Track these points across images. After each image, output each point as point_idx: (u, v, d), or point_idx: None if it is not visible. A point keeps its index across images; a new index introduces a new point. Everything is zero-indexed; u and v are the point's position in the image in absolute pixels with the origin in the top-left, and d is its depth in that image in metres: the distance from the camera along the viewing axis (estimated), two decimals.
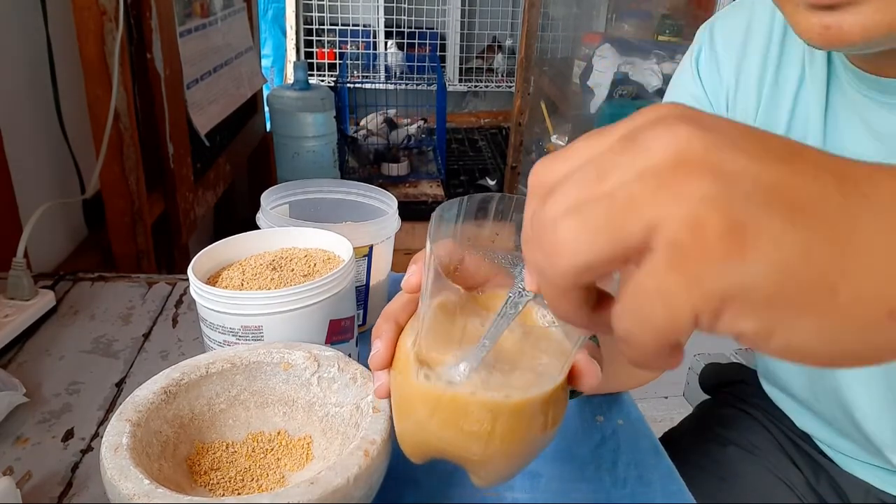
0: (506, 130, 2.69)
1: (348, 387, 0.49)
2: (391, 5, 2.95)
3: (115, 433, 0.43)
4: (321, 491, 0.38)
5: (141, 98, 1.14)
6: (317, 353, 0.51)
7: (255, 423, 0.52)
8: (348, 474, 0.39)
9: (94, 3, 0.96)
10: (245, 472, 0.48)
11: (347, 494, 0.39)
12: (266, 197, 0.72)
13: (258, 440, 0.51)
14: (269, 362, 0.51)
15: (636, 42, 2.40)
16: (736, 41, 0.62)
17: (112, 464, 0.40)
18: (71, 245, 1.10)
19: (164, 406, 0.47)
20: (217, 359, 0.50)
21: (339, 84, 2.14)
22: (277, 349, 0.51)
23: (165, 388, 0.48)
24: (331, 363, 0.50)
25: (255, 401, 0.52)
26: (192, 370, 0.49)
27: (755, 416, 0.77)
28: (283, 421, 0.52)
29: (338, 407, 0.50)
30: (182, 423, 0.49)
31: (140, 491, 0.38)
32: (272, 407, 0.52)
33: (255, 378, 0.51)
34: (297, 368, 0.51)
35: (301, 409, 0.52)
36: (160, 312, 0.76)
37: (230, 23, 1.61)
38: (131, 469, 0.40)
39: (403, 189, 2.10)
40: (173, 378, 0.48)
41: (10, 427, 0.57)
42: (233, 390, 0.51)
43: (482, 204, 0.37)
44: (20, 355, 0.67)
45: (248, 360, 0.51)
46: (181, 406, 0.49)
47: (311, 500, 0.37)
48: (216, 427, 0.51)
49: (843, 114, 0.54)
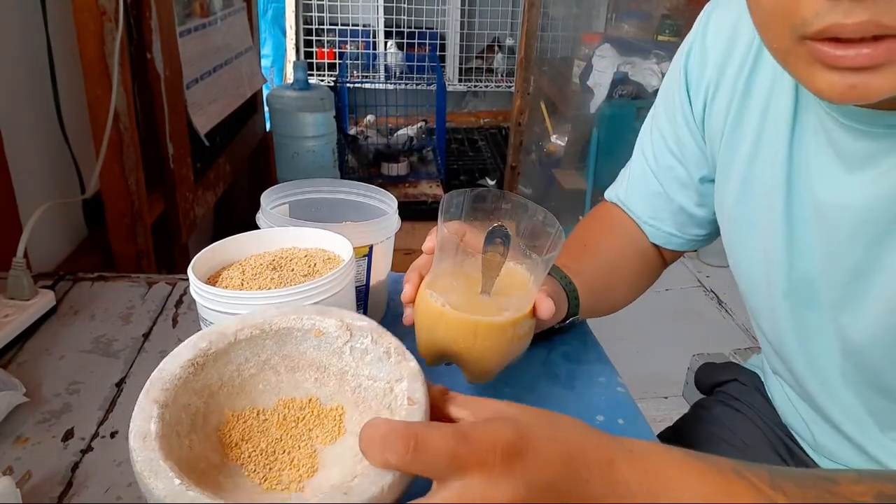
0: (505, 130, 2.69)
1: (382, 361, 0.47)
2: (391, 5, 2.95)
3: (142, 417, 0.41)
4: (356, 501, 0.36)
5: (141, 98, 1.14)
6: (349, 321, 0.49)
7: (285, 389, 0.49)
8: (383, 483, 0.37)
9: (93, 4, 0.96)
10: (276, 443, 0.46)
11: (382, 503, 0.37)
12: (266, 197, 0.72)
13: (289, 407, 0.49)
14: (300, 328, 0.49)
15: (636, 42, 2.40)
16: (723, 40, 0.62)
17: (141, 456, 0.39)
18: (71, 245, 1.11)
19: (193, 379, 0.46)
20: (245, 325, 0.49)
21: (339, 84, 2.14)
22: (308, 315, 0.49)
23: (193, 360, 0.46)
24: (364, 334, 0.48)
25: (286, 365, 0.50)
26: (219, 339, 0.48)
27: (748, 416, 0.77)
28: (314, 387, 0.50)
29: (371, 380, 0.47)
30: (211, 392, 0.47)
31: (171, 491, 0.37)
32: (303, 371, 0.50)
33: (286, 343, 0.50)
34: (328, 336, 0.49)
35: (333, 376, 0.49)
36: (160, 312, 0.76)
37: (230, 23, 1.61)
38: (160, 465, 0.38)
39: (403, 189, 2.10)
40: (201, 348, 0.47)
41: (10, 427, 0.57)
42: (262, 355, 0.49)
43: (481, 195, 0.56)
44: (20, 355, 0.67)
45: (277, 326, 0.49)
46: (210, 376, 0.47)
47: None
48: (246, 393, 0.49)
49: (810, 129, 0.54)
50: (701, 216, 0.72)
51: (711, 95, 0.64)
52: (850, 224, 0.52)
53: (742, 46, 0.61)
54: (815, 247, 0.56)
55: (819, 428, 0.65)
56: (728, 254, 0.67)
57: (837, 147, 0.51)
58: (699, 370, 0.89)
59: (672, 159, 0.70)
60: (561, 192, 2.46)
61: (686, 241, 0.75)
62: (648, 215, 0.74)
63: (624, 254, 0.75)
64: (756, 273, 0.63)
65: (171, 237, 1.28)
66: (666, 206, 0.73)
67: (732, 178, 0.63)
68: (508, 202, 0.56)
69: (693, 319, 2.14)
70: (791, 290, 0.59)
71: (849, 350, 0.56)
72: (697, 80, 0.65)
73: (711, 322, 2.12)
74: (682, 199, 0.71)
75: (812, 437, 0.67)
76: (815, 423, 0.66)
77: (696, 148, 0.68)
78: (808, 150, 0.55)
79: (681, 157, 0.70)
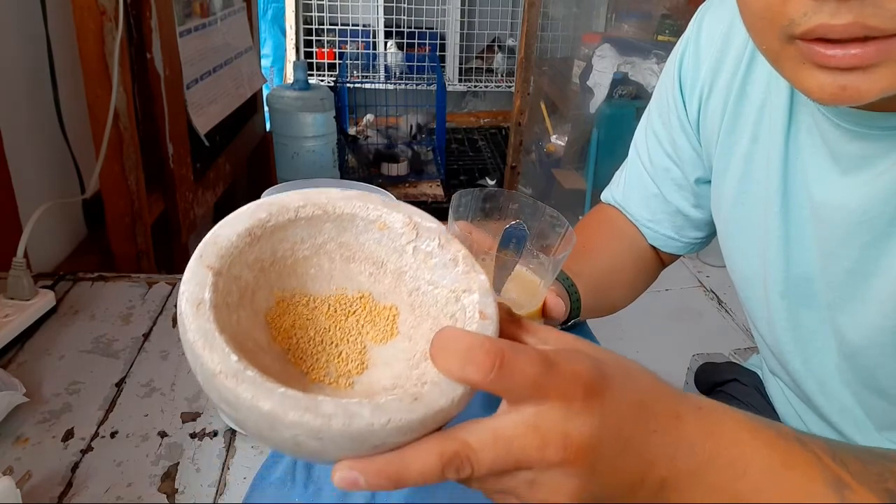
0: (505, 130, 2.69)
1: (447, 268, 0.44)
2: (391, 5, 2.95)
3: (196, 282, 0.38)
4: (424, 411, 0.35)
5: (141, 98, 1.14)
6: (418, 220, 0.46)
7: (337, 278, 0.47)
8: (454, 395, 0.35)
9: (93, 3, 0.96)
10: (325, 332, 0.44)
11: (448, 416, 0.36)
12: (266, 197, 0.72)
13: (340, 301, 0.46)
14: (365, 217, 0.46)
15: (636, 42, 2.40)
16: (717, 41, 0.62)
17: (195, 325, 0.36)
18: (71, 245, 1.11)
19: (248, 250, 0.43)
20: (308, 202, 0.46)
21: (339, 84, 2.14)
22: (375, 206, 0.46)
23: (250, 230, 0.43)
24: (432, 236, 0.45)
25: (342, 253, 0.47)
26: (279, 211, 0.45)
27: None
28: (368, 282, 0.47)
29: (432, 286, 0.45)
30: (262, 266, 0.44)
31: (227, 369, 0.34)
32: (359, 263, 0.47)
33: (346, 230, 0.47)
34: (392, 232, 0.46)
35: (390, 273, 0.46)
36: (160, 312, 0.76)
37: (230, 23, 1.61)
38: (216, 336, 0.35)
39: (403, 189, 2.10)
40: (260, 218, 0.44)
41: (10, 427, 0.57)
42: (319, 238, 0.46)
43: (489, 194, 0.55)
44: (20, 355, 0.67)
45: (341, 210, 0.46)
46: (263, 249, 0.44)
47: (413, 420, 0.34)
48: (297, 275, 0.46)
49: (804, 129, 0.54)
50: (698, 218, 0.72)
51: (706, 96, 0.64)
52: (846, 226, 0.52)
53: (737, 47, 0.60)
54: (812, 247, 0.56)
55: (817, 428, 0.65)
56: (724, 255, 0.67)
57: (832, 148, 0.51)
58: (699, 370, 0.89)
59: (667, 161, 0.71)
60: (561, 192, 2.46)
61: (684, 245, 0.75)
62: (647, 217, 0.74)
63: (623, 255, 0.75)
64: (753, 273, 0.63)
65: (170, 237, 1.28)
66: (663, 209, 0.73)
67: (729, 178, 0.63)
68: (516, 202, 0.55)
69: (693, 319, 2.14)
70: (788, 289, 0.59)
71: (845, 350, 0.56)
72: (692, 81, 0.65)
73: (711, 322, 2.12)
74: (678, 200, 0.71)
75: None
76: (813, 424, 0.66)
77: (692, 149, 0.68)
78: (803, 150, 0.55)
79: (676, 159, 0.70)
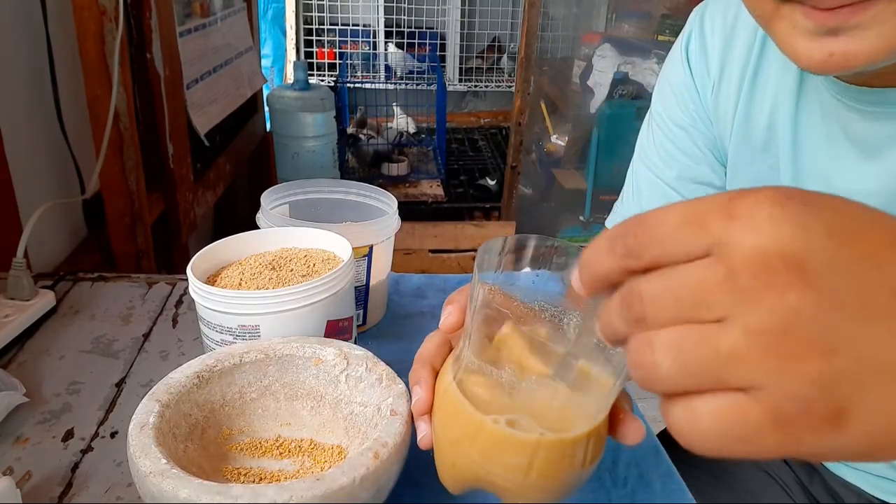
0: (506, 130, 2.69)
1: (374, 387, 0.50)
2: (391, 5, 2.95)
3: (143, 412, 0.44)
4: (325, 488, 0.38)
5: (141, 98, 1.14)
6: (347, 350, 0.52)
7: (283, 416, 0.52)
8: (355, 474, 0.39)
9: (94, 3, 0.96)
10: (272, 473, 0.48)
11: (352, 494, 0.39)
12: (266, 197, 0.72)
13: (287, 446, 0.51)
14: (302, 356, 0.52)
15: (636, 42, 2.40)
16: (724, 30, 0.61)
17: (136, 441, 0.41)
18: (71, 245, 1.10)
19: (196, 390, 0.48)
20: (252, 349, 0.52)
21: (339, 84, 2.14)
22: (310, 344, 0.52)
23: (199, 373, 0.49)
24: (360, 362, 0.51)
25: (286, 392, 0.52)
26: (226, 358, 0.50)
27: None
28: (310, 416, 0.52)
29: (362, 406, 0.50)
30: (213, 408, 0.50)
31: (156, 469, 0.39)
32: (301, 400, 0.52)
33: (287, 370, 0.52)
34: (327, 364, 0.52)
35: (328, 405, 0.52)
36: (160, 312, 0.76)
37: (230, 23, 1.61)
38: (152, 448, 0.41)
39: (403, 189, 2.10)
40: (207, 364, 0.49)
41: (10, 427, 0.57)
42: (265, 380, 0.52)
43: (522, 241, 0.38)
44: (20, 355, 0.67)
45: (281, 353, 0.52)
46: (213, 392, 0.50)
47: (315, 495, 0.38)
48: (246, 416, 0.51)
49: (816, 115, 0.53)
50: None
51: (716, 87, 0.62)
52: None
53: (745, 37, 0.59)
54: None
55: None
56: None
57: (850, 134, 0.50)
58: None
59: (686, 159, 0.67)
60: (561, 192, 2.46)
61: None
62: None
63: None
64: None
65: (171, 237, 1.28)
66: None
67: (743, 169, 0.61)
68: (563, 255, 0.39)
69: None
70: None
71: None
72: (701, 73, 0.64)
73: None
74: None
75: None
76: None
77: (711, 138, 0.66)
78: (815, 137, 0.53)
79: (694, 155, 0.67)
